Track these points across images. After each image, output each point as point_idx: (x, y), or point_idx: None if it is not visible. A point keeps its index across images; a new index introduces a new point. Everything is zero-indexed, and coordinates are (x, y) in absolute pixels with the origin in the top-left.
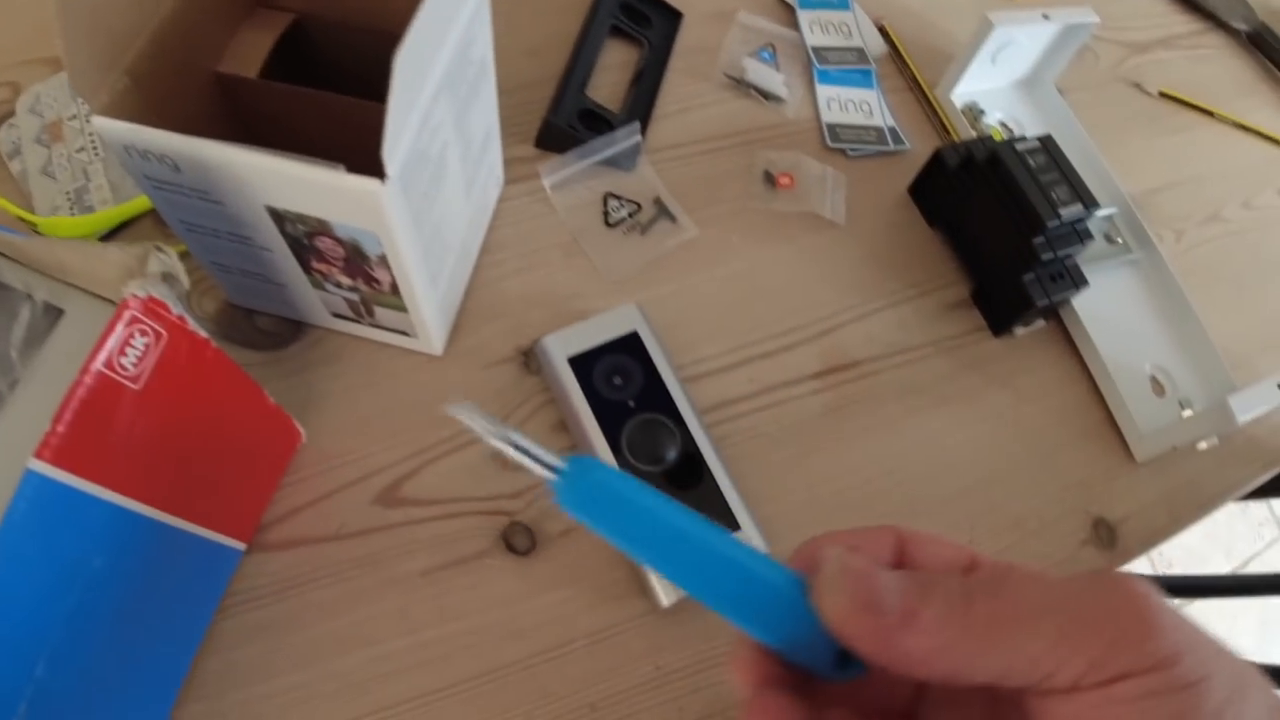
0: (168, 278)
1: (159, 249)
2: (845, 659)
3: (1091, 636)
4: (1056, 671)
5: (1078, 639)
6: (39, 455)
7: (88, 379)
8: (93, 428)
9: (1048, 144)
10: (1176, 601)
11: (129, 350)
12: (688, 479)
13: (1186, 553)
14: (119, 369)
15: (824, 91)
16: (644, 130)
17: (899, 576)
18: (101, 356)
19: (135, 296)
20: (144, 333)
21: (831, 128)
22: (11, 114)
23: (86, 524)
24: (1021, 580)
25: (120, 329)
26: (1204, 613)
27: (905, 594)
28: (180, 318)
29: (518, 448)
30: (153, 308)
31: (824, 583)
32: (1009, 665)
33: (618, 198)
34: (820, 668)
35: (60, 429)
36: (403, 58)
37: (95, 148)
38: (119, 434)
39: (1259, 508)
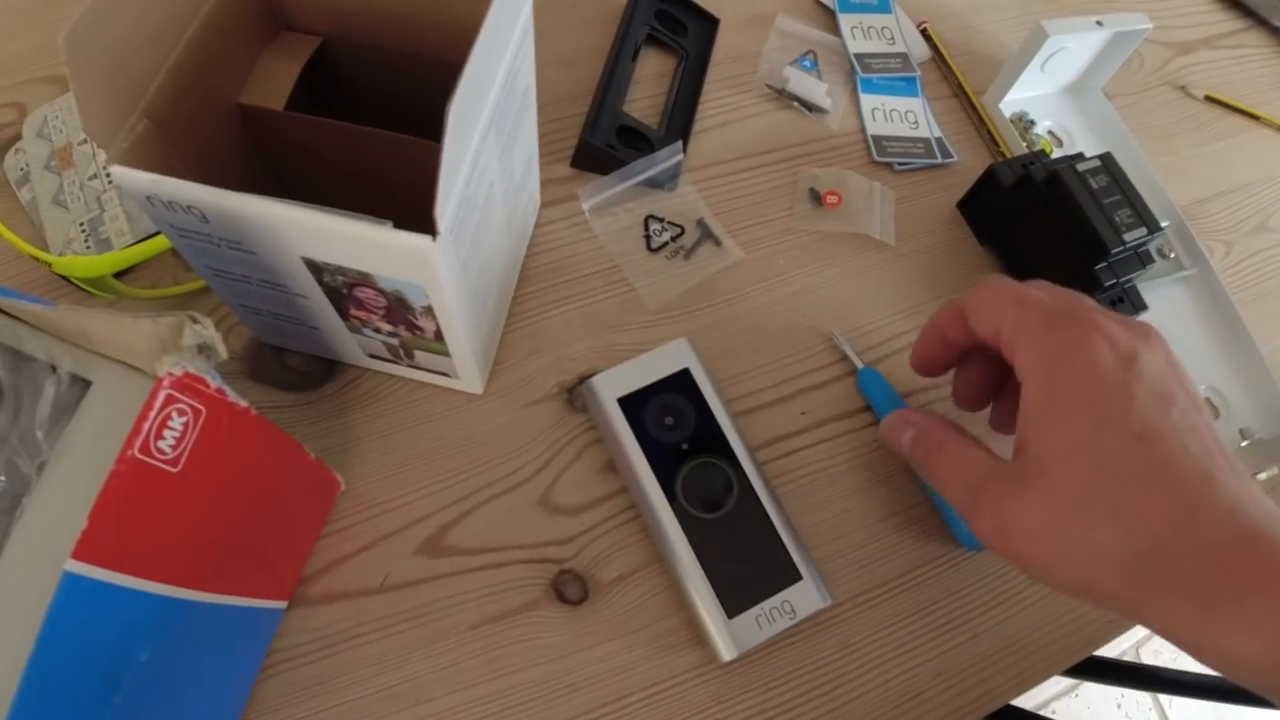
0: (204, 349)
1: (193, 319)
2: None
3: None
4: None
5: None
6: (77, 556)
7: (124, 468)
8: (131, 520)
9: (1108, 163)
10: None
11: (166, 432)
12: (743, 523)
13: None
14: (156, 453)
15: (868, 101)
16: (685, 147)
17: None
18: (138, 442)
19: (170, 374)
20: (181, 412)
21: (877, 140)
22: (18, 138)
23: (130, 619)
24: None
25: (156, 410)
26: None
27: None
28: (219, 390)
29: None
30: (190, 384)
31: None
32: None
33: (659, 220)
34: None
35: (97, 526)
36: (457, 106)
37: (108, 174)
38: (159, 522)
39: None
